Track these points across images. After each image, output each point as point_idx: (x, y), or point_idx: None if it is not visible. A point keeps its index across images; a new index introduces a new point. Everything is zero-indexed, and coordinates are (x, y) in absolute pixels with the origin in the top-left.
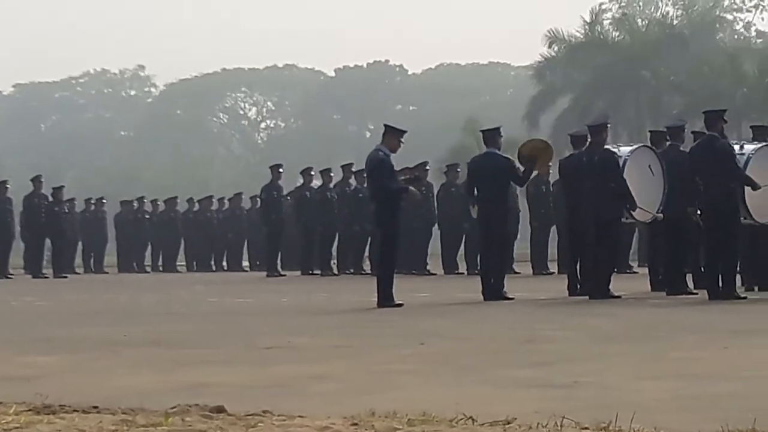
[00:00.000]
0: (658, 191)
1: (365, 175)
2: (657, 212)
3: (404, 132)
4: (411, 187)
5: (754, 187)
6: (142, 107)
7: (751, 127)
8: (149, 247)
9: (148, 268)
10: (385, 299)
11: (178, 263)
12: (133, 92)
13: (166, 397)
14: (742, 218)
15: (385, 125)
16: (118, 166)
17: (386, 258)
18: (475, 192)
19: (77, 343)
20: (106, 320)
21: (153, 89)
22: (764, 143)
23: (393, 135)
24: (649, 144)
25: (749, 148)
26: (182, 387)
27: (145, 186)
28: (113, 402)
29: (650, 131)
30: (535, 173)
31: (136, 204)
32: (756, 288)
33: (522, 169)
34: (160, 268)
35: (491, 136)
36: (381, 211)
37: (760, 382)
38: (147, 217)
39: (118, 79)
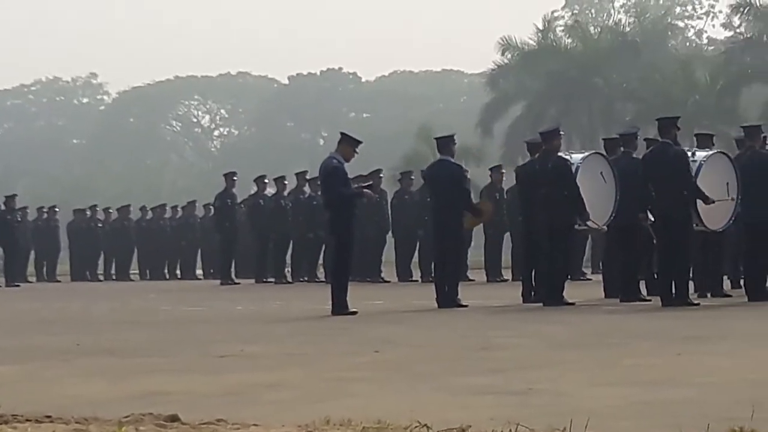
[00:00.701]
0: (611, 198)
1: (319, 182)
2: (609, 219)
3: (360, 142)
4: (366, 190)
5: (706, 201)
6: (94, 115)
7: (695, 135)
8: (102, 255)
9: (101, 277)
10: (340, 307)
11: (131, 272)
12: (85, 100)
13: (119, 406)
14: (694, 225)
15: (342, 133)
16: (70, 174)
17: (340, 266)
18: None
19: (30, 353)
20: (59, 329)
21: (106, 97)
22: (715, 150)
23: (348, 144)
24: (601, 151)
25: (701, 155)
26: (136, 396)
27: (98, 194)
28: (66, 411)
29: (604, 138)
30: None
31: (88, 212)
32: (708, 294)
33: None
34: (113, 277)
35: (445, 143)
36: (335, 218)
37: (713, 388)
38: (100, 225)
39: (71, 87)
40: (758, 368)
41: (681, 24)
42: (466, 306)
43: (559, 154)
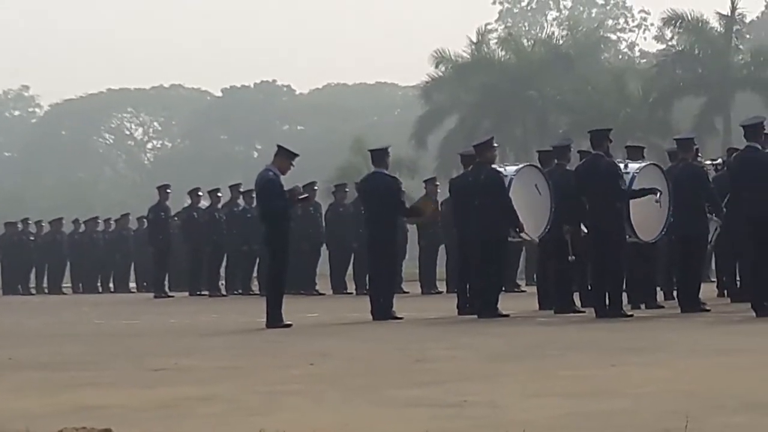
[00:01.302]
0: (546, 210)
1: (254, 194)
2: (545, 231)
3: (296, 155)
4: (302, 196)
5: (653, 192)
6: (26, 128)
7: (626, 147)
8: (34, 269)
9: (33, 290)
10: (274, 320)
11: (63, 285)
12: (17, 112)
13: (53, 420)
14: (627, 237)
15: (278, 146)
16: (1, 187)
17: (275, 279)
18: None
19: None
20: None
21: (37, 109)
22: (648, 162)
23: (284, 156)
24: (535, 163)
25: (633, 166)
26: (70, 409)
27: (30, 207)
28: (0, 426)
29: (538, 151)
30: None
31: (20, 225)
32: (642, 306)
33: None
34: (46, 290)
35: (379, 156)
36: (270, 231)
37: (648, 399)
38: (32, 239)
39: (2, 100)
40: (692, 379)
41: (614, 37)
42: (401, 318)
43: (493, 166)
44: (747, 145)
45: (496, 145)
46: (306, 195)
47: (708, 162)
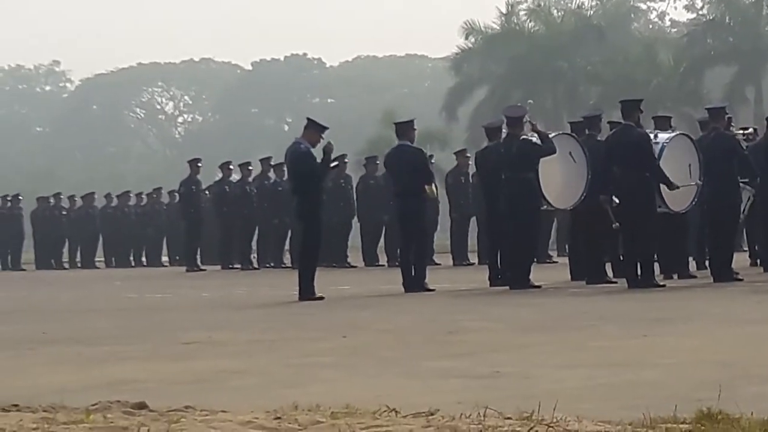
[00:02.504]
0: (581, 179)
1: (285, 167)
2: (580, 199)
3: (326, 128)
4: (333, 164)
5: (670, 186)
6: (57, 103)
7: (653, 117)
8: (67, 243)
9: (66, 265)
10: (307, 292)
11: (96, 259)
12: (48, 88)
13: (86, 394)
14: (658, 207)
15: (308, 119)
16: (33, 162)
17: (308, 251)
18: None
19: None
20: (24, 318)
21: (68, 84)
22: (678, 132)
23: (314, 129)
24: (570, 132)
25: (663, 137)
26: (103, 383)
27: (62, 182)
28: (34, 400)
29: (570, 122)
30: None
31: (52, 200)
32: (675, 276)
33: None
34: (78, 265)
35: (404, 128)
36: (303, 204)
37: (680, 369)
38: (64, 213)
39: (33, 75)
40: (724, 349)
41: (643, 6)
42: (433, 290)
43: (523, 136)
44: None
45: (527, 119)
46: (337, 163)
47: (739, 132)
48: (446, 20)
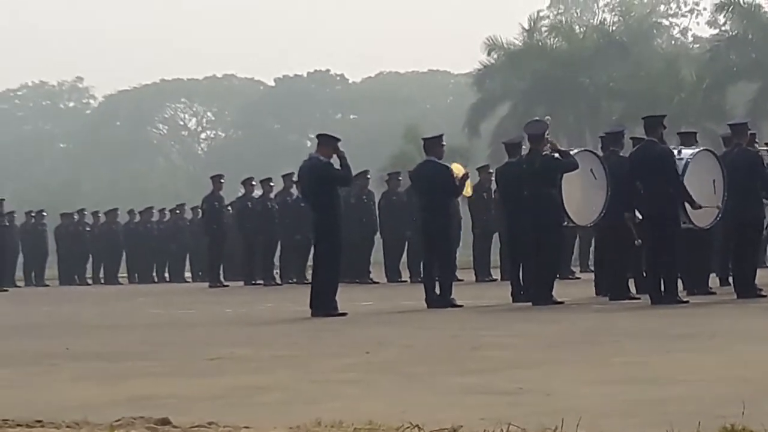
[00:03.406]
0: (601, 195)
1: (304, 183)
2: (600, 216)
3: (338, 139)
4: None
5: (693, 205)
6: (81, 119)
7: (678, 133)
8: (90, 259)
9: (90, 281)
10: (329, 308)
11: (119, 275)
12: (71, 104)
13: (110, 410)
14: (682, 223)
15: (319, 135)
16: (57, 178)
17: (330, 267)
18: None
19: (19, 357)
20: (48, 333)
21: (92, 101)
22: (702, 148)
23: (327, 144)
24: (590, 148)
25: (687, 153)
26: (126, 399)
27: (85, 198)
28: (57, 416)
29: (601, 137)
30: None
31: (76, 216)
32: (695, 292)
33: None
34: (102, 281)
35: (432, 144)
36: (322, 218)
37: (704, 385)
38: (88, 229)
39: (57, 91)
40: (748, 365)
41: (666, 22)
42: (460, 306)
43: (545, 152)
44: None
45: (548, 135)
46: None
47: (763, 147)
48: (469, 36)
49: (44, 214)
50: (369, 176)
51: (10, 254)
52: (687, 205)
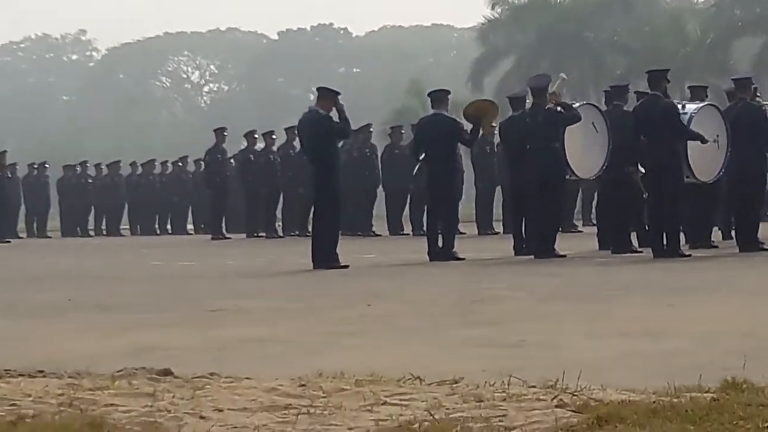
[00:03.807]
0: (603, 148)
1: (303, 136)
2: (602, 169)
3: (338, 93)
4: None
5: (703, 140)
6: (84, 72)
7: (689, 87)
8: (92, 211)
9: (92, 232)
10: (330, 260)
11: (121, 227)
12: (74, 57)
13: (112, 361)
14: (685, 177)
15: (318, 88)
16: (60, 130)
17: (330, 219)
18: (422, 153)
19: (21, 308)
20: (50, 285)
21: (95, 53)
22: (706, 102)
23: (327, 97)
24: (593, 102)
25: (691, 107)
26: (128, 350)
27: (88, 150)
28: (59, 366)
29: (605, 91)
30: (481, 133)
31: (78, 168)
32: (699, 245)
33: (468, 130)
34: (104, 232)
35: (439, 97)
36: (321, 171)
37: (705, 338)
38: (90, 181)
39: (60, 44)
40: (750, 319)
41: None
42: (462, 259)
43: (548, 106)
44: None
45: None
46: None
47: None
48: None
49: (47, 166)
50: (372, 130)
51: (12, 206)
52: (691, 158)
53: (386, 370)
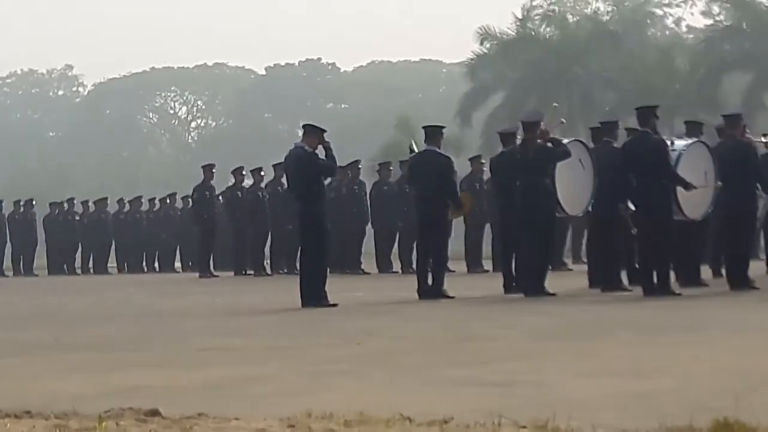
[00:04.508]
0: (589, 186)
1: (289, 173)
2: (587, 207)
3: (324, 130)
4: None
5: (687, 188)
6: (70, 107)
7: (685, 122)
8: (79, 248)
9: (79, 270)
10: (318, 299)
11: (109, 265)
12: (61, 92)
13: (99, 401)
14: (674, 214)
15: (304, 125)
16: (47, 167)
17: (318, 257)
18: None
19: (7, 347)
20: (37, 324)
21: (81, 89)
22: (695, 139)
23: (313, 134)
24: (581, 138)
25: (680, 144)
26: (116, 390)
27: (75, 187)
28: (46, 407)
29: (594, 128)
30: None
31: (65, 205)
32: (689, 284)
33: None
34: (91, 270)
35: (433, 133)
36: (309, 208)
37: (696, 377)
38: (77, 218)
39: (46, 79)
40: (740, 357)
41: (660, 12)
42: (452, 297)
43: (539, 141)
44: None
45: (543, 124)
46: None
47: (762, 139)
48: (461, 25)
49: (33, 203)
50: (360, 166)
51: None
52: (680, 196)
53: (375, 410)
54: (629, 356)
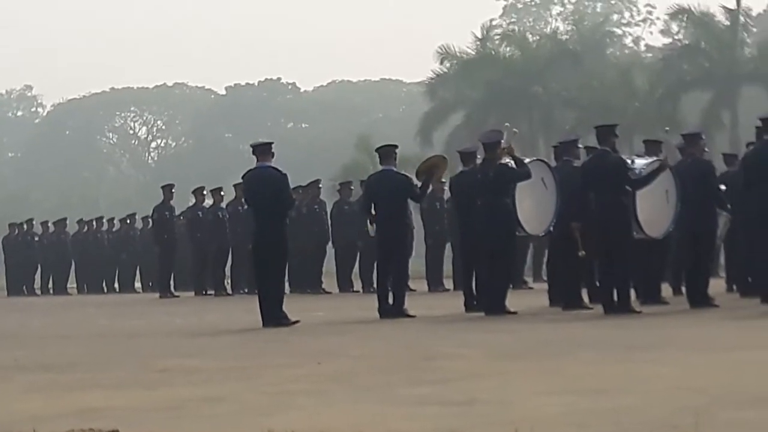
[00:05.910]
0: (551, 205)
1: (250, 192)
2: (550, 226)
3: (272, 143)
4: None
5: (651, 178)
6: (29, 128)
7: (644, 141)
8: (39, 269)
9: (38, 291)
10: (278, 317)
11: (68, 286)
12: (20, 113)
13: (59, 422)
14: (634, 233)
15: (254, 146)
16: (5, 187)
17: (279, 275)
18: (373, 210)
19: None
20: None
21: (41, 109)
22: (654, 159)
23: (266, 151)
24: (543, 158)
25: (640, 163)
26: (75, 411)
27: (34, 208)
28: (6, 428)
29: (554, 146)
30: (431, 189)
31: (25, 226)
32: (649, 302)
33: (419, 185)
34: (51, 291)
35: (387, 153)
36: (273, 227)
37: (657, 395)
38: (36, 239)
39: (5, 100)
40: (701, 375)
41: (619, 31)
42: (413, 316)
43: (502, 161)
44: (765, 138)
45: (503, 143)
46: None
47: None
48: (421, 45)
49: None
50: (321, 186)
51: None
52: (640, 214)
53: (337, 429)
54: (590, 374)
